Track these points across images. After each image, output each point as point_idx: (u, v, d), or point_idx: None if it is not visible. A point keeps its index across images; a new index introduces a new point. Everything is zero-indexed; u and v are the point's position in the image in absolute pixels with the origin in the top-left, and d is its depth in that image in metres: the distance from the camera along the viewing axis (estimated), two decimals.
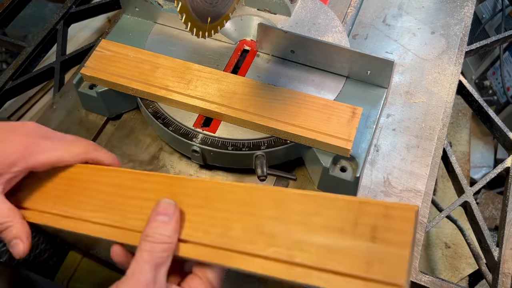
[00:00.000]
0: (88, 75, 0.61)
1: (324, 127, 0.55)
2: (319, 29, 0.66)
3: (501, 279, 0.56)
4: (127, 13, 0.70)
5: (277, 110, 0.56)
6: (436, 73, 0.68)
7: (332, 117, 0.55)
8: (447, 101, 0.66)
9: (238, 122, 0.58)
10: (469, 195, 0.63)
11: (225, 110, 0.57)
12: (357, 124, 0.55)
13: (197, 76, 0.60)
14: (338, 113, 0.56)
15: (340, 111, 0.56)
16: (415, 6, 0.75)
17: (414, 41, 0.71)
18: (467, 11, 0.74)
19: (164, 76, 0.60)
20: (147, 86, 0.59)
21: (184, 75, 0.60)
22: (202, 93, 0.59)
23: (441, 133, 0.63)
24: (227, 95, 0.58)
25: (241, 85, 0.59)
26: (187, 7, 0.49)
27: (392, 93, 0.66)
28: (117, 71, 0.61)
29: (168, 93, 0.59)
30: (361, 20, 0.73)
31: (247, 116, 0.56)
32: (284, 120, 0.56)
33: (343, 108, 0.56)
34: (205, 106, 0.58)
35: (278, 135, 0.57)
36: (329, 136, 0.54)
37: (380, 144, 0.62)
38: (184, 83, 0.59)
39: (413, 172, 0.60)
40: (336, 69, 0.62)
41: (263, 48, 0.64)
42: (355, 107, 0.56)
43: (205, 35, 0.55)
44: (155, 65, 0.61)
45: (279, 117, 0.56)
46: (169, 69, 0.61)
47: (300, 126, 0.55)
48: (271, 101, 0.57)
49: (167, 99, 0.59)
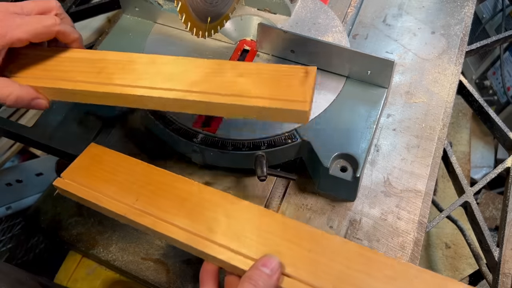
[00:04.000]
0: None
1: (271, 92, 0.47)
2: (319, 29, 0.66)
3: (501, 279, 0.55)
4: (127, 13, 0.70)
5: (213, 84, 0.48)
6: (437, 73, 0.68)
7: (281, 81, 0.48)
8: (447, 101, 0.66)
9: (163, 104, 0.50)
10: (469, 195, 0.63)
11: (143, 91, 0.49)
12: (312, 83, 0.47)
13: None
14: (287, 76, 0.48)
15: (290, 73, 0.48)
16: (415, 6, 0.75)
17: (415, 41, 0.71)
18: (468, 11, 0.74)
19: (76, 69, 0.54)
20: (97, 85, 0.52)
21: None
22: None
23: (441, 133, 0.63)
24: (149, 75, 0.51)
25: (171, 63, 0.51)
26: (187, 7, 0.49)
27: (392, 93, 0.66)
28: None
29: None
30: (361, 20, 0.73)
31: (172, 94, 0.48)
32: (220, 92, 0.48)
33: (293, 70, 0.49)
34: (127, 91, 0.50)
35: (213, 111, 0.49)
36: (278, 100, 0.46)
37: (380, 144, 0.62)
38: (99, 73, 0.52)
39: (413, 172, 0.60)
40: (336, 69, 0.62)
41: (263, 48, 0.64)
42: (307, 67, 0.48)
43: (205, 35, 0.55)
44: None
45: (214, 89, 0.48)
46: (81, 62, 0.54)
47: (240, 95, 0.47)
48: (207, 75, 0.49)
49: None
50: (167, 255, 0.61)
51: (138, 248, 0.62)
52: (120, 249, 0.62)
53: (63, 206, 0.69)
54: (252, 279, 0.40)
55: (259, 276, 0.40)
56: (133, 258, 0.61)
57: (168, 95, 0.48)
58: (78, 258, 0.67)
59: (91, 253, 0.63)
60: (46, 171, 0.96)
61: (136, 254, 0.62)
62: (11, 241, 0.91)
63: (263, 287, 0.40)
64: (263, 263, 0.41)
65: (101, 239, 0.63)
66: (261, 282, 0.40)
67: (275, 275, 0.41)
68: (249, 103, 0.46)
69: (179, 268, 0.60)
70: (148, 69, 0.51)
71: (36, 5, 0.51)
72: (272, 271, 0.41)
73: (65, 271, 0.68)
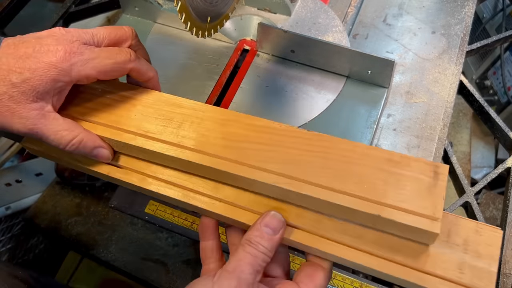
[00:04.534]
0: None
1: (390, 195, 0.36)
2: (319, 28, 0.66)
3: (502, 279, 0.55)
4: (127, 12, 0.70)
5: (314, 167, 0.39)
6: (437, 73, 0.68)
7: (402, 179, 0.37)
8: (448, 101, 0.65)
9: (254, 187, 0.41)
10: (470, 195, 0.63)
11: (234, 168, 0.40)
12: (444, 190, 0.36)
13: (187, 115, 0.45)
14: (410, 173, 0.37)
15: (414, 170, 0.37)
16: (415, 5, 0.75)
17: (415, 41, 0.71)
18: (468, 10, 0.74)
19: (142, 115, 0.46)
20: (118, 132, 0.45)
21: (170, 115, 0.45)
22: (196, 141, 0.43)
23: (441, 133, 0.63)
24: (235, 144, 0.42)
25: (256, 129, 0.42)
26: (186, 6, 0.49)
27: (392, 93, 0.66)
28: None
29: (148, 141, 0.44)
30: (361, 19, 0.73)
31: (267, 178, 0.39)
32: (326, 184, 0.38)
33: (418, 165, 0.38)
34: (198, 159, 0.42)
35: (316, 207, 0.39)
36: (400, 210, 0.36)
37: (381, 144, 0.62)
38: (173, 127, 0.44)
39: None
40: (336, 69, 0.62)
41: (263, 48, 0.64)
42: (437, 164, 0.38)
43: (204, 34, 0.55)
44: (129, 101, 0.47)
45: (317, 178, 0.38)
46: (149, 106, 0.46)
47: (352, 194, 0.37)
48: (304, 153, 0.40)
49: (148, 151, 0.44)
50: (167, 255, 0.61)
51: (138, 248, 0.62)
52: (120, 249, 0.62)
53: (62, 206, 0.69)
54: (253, 241, 0.37)
55: (261, 237, 0.37)
56: (133, 259, 0.61)
57: (280, 183, 0.38)
58: (78, 258, 0.67)
59: (91, 253, 0.63)
60: (46, 171, 0.96)
61: (136, 255, 0.62)
62: (10, 241, 0.90)
63: (264, 249, 0.37)
64: (265, 223, 0.38)
65: (101, 239, 0.63)
66: (262, 244, 0.37)
67: (277, 235, 0.38)
68: (362, 208, 0.36)
69: (179, 268, 0.60)
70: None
71: (108, 33, 0.44)
72: (274, 231, 0.38)
73: (65, 271, 0.68)
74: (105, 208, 0.75)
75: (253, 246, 0.37)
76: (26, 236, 0.93)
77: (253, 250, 0.37)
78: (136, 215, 0.60)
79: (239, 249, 0.37)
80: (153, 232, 0.68)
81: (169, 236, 0.70)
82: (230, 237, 0.44)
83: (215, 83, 0.63)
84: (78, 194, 0.79)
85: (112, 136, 0.44)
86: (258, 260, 0.36)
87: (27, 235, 0.93)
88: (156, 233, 0.69)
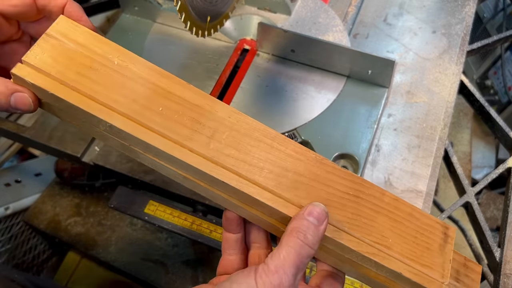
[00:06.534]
0: (25, 78, 0.36)
1: (409, 251, 0.37)
2: (319, 28, 0.66)
3: (502, 280, 0.55)
4: (126, 12, 0.70)
5: (344, 211, 0.37)
6: (438, 72, 0.68)
7: (419, 236, 0.38)
8: (448, 101, 0.65)
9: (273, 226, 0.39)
10: (470, 195, 0.62)
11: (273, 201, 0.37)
12: (451, 252, 0.38)
13: (226, 125, 0.38)
14: (426, 231, 0.38)
15: (428, 228, 0.39)
16: (416, 5, 0.75)
17: (415, 41, 0.71)
18: (468, 10, 0.74)
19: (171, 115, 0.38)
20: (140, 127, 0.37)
21: (204, 120, 0.38)
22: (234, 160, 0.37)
23: (442, 133, 0.63)
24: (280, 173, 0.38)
25: (298, 157, 0.39)
26: (186, 6, 0.49)
27: (393, 93, 0.66)
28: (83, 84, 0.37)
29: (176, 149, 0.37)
30: (362, 19, 0.73)
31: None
32: (355, 234, 0.37)
33: (432, 223, 0.39)
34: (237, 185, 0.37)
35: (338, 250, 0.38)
36: (416, 265, 0.37)
37: (381, 144, 0.62)
38: (206, 136, 0.37)
39: (414, 172, 0.60)
40: (336, 69, 0.61)
41: (263, 48, 0.64)
42: (446, 225, 0.39)
43: (204, 34, 0.55)
44: (158, 90, 0.38)
45: (346, 225, 0.37)
46: (181, 105, 0.38)
47: (379, 247, 0.37)
48: (338, 193, 0.38)
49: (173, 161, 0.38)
50: (166, 255, 0.61)
51: (137, 248, 0.62)
52: (119, 249, 0.62)
53: (62, 206, 0.69)
54: (300, 231, 0.35)
55: (307, 227, 0.35)
56: (132, 259, 0.61)
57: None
58: (78, 258, 0.67)
59: (90, 253, 0.62)
60: (45, 171, 0.96)
61: (136, 255, 0.61)
62: (10, 242, 0.90)
63: (312, 240, 0.35)
64: (309, 211, 0.36)
65: (100, 239, 0.63)
66: (309, 234, 0.35)
67: (322, 226, 0.36)
68: (389, 265, 0.36)
69: (179, 268, 0.60)
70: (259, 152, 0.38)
71: None
72: (319, 221, 0.36)
73: (64, 272, 0.68)
74: (105, 208, 0.75)
75: (300, 236, 0.35)
76: (25, 236, 0.93)
77: (299, 243, 0.34)
78: (135, 215, 0.60)
79: (283, 243, 0.35)
80: (152, 232, 0.68)
81: (168, 237, 0.70)
82: (252, 234, 0.42)
83: (215, 83, 0.63)
84: (77, 194, 0.79)
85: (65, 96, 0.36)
86: (303, 257, 0.35)
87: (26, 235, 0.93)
88: (156, 234, 0.69)
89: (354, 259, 0.38)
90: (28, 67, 0.37)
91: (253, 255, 0.42)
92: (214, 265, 0.67)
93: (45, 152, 0.69)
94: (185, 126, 0.37)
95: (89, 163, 0.63)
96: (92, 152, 0.64)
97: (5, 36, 0.41)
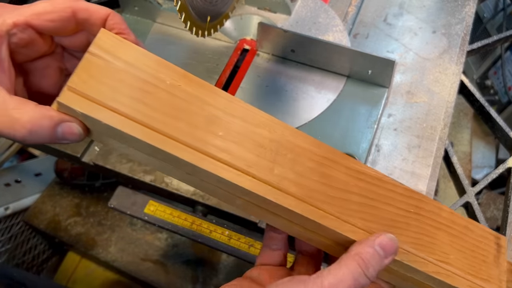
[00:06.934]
0: (75, 108, 0.32)
1: (468, 266, 0.37)
2: (319, 28, 0.66)
3: None
4: (126, 12, 0.70)
5: (408, 231, 0.36)
6: (438, 72, 0.68)
7: (476, 249, 0.38)
8: (448, 101, 0.65)
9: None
10: (470, 195, 0.62)
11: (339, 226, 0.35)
12: (505, 263, 0.38)
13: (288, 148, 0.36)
14: (481, 243, 0.38)
15: (483, 240, 0.38)
16: (416, 5, 0.75)
17: (415, 41, 0.71)
18: (469, 10, 0.74)
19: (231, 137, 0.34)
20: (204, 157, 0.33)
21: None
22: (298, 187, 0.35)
23: (442, 133, 0.63)
24: (337, 193, 0.36)
25: (357, 175, 0.37)
26: (186, 6, 0.49)
27: (393, 93, 0.66)
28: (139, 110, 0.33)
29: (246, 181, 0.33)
30: (362, 19, 0.73)
31: None
32: (420, 254, 0.35)
33: (485, 235, 0.39)
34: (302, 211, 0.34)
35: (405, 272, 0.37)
36: (476, 280, 0.36)
37: (381, 144, 0.62)
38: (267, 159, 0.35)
39: (414, 172, 0.60)
40: (336, 69, 0.61)
41: (263, 47, 0.64)
42: (498, 235, 0.39)
43: (204, 34, 0.55)
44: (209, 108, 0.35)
45: (412, 245, 0.36)
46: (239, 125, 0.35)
47: (442, 265, 0.36)
48: (399, 212, 0.37)
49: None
50: (166, 256, 0.60)
51: (137, 248, 0.62)
52: (119, 249, 0.62)
53: (62, 206, 0.69)
54: (364, 259, 0.33)
55: (371, 256, 0.33)
56: (132, 259, 0.61)
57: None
58: (77, 258, 0.67)
59: (90, 253, 0.62)
60: (45, 171, 0.96)
61: (135, 255, 0.61)
62: (10, 242, 0.90)
63: (372, 272, 0.33)
64: (380, 242, 0.33)
65: (100, 239, 0.63)
66: (371, 265, 0.33)
67: (387, 260, 0.34)
68: (453, 282, 0.36)
69: (179, 268, 0.60)
70: None
71: None
72: (386, 254, 0.34)
73: (64, 272, 0.68)
74: (105, 208, 0.75)
75: (361, 264, 0.32)
76: (25, 236, 0.93)
77: (359, 271, 0.32)
78: (135, 215, 0.60)
79: (343, 263, 0.33)
80: (152, 232, 0.68)
81: (168, 237, 0.70)
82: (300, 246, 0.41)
83: (215, 83, 0.63)
84: (77, 194, 0.79)
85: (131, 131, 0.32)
86: (358, 285, 0.32)
87: (26, 235, 0.93)
88: (156, 234, 0.69)
89: (416, 278, 0.36)
90: (75, 93, 0.32)
91: (301, 261, 0.41)
92: (214, 265, 0.67)
93: (45, 152, 0.69)
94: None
95: (89, 163, 0.63)
96: (92, 152, 0.64)
97: (39, 53, 0.37)
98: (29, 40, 0.35)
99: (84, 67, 0.33)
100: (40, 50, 0.37)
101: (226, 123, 0.35)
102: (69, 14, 0.35)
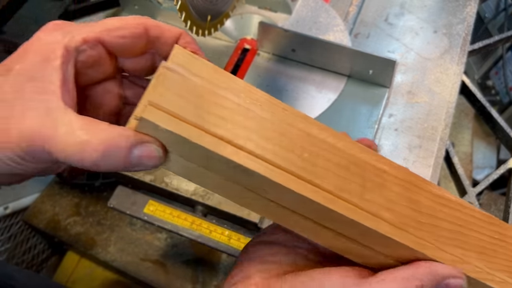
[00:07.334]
0: (159, 124, 0.27)
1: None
2: (320, 27, 0.66)
3: None
4: (126, 11, 0.70)
5: (496, 258, 0.35)
6: (439, 72, 0.68)
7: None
8: (449, 101, 0.65)
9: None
10: (471, 196, 0.62)
11: (433, 252, 0.32)
12: None
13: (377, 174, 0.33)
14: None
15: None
16: (417, 5, 0.74)
17: (417, 40, 0.70)
18: (470, 10, 0.74)
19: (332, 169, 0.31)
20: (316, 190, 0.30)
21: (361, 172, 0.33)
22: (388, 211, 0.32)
23: (443, 133, 0.63)
24: (427, 219, 0.34)
25: (443, 202, 0.35)
26: (186, 5, 0.48)
27: (394, 93, 0.66)
28: (222, 127, 0.29)
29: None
30: (362, 18, 0.73)
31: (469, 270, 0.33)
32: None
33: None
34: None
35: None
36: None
37: (382, 144, 0.62)
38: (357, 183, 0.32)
39: (415, 172, 0.59)
40: (337, 68, 0.61)
41: (264, 47, 0.64)
42: None
43: (205, 33, 0.55)
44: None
45: (506, 274, 0.34)
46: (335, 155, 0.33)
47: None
48: (485, 238, 0.36)
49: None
50: (166, 256, 0.60)
51: (137, 248, 0.62)
52: (118, 249, 0.62)
53: (61, 206, 0.69)
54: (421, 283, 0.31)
55: (427, 276, 0.31)
56: (131, 259, 0.61)
57: None
58: (77, 258, 0.67)
59: (89, 253, 0.62)
60: None
61: (135, 255, 0.61)
62: (9, 241, 0.90)
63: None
64: (446, 276, 0.32)
65: (100, 239, 0.63)
66: None
67: None
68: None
69: (178, 268, 0.60)
70: None
71: None
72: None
73: (64, 272, 0.68)
74: (104, 208, 0.75)
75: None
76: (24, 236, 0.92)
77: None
78: (135, 215, 0.60)
79: (399, 277, 0.31)
80: (152, 232, 0.68)
81: (168, 237, 0.70)
82: None
83: None
84: (77, 194, 0.79)
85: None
86: None
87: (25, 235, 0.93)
88: (155, 234, 0.69)
89: None
90: (157, 109, 0.27)
91: None
92: (214, 265, 0.67)
93: None
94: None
95: None
96: None
97: (103, 75, 0.34)
98: (97, 58, 0.32)
99: (160, 82, 0.29)
100: (105, 71, 0.34)
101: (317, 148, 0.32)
102: (141, 30, 0.32)
